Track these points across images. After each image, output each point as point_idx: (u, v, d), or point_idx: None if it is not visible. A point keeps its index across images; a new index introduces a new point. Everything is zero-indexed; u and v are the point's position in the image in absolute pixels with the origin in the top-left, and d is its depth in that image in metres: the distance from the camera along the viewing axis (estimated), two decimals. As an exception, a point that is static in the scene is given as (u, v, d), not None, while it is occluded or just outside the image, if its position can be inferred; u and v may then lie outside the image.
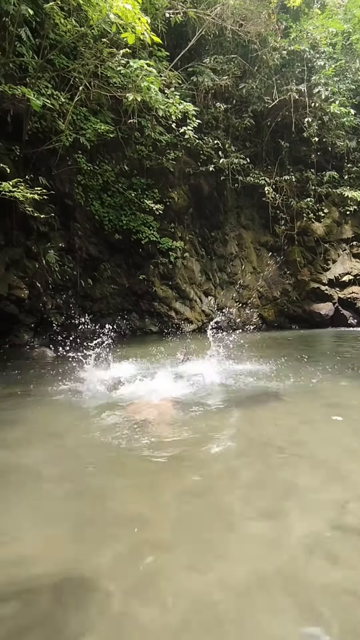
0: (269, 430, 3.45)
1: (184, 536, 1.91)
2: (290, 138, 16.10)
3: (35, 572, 1.65)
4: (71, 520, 2.06)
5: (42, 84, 9.32)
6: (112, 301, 13.46)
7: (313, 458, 2.84)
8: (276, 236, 16.71)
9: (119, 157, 13.13)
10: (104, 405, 4.12)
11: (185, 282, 14.87)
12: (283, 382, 5.17)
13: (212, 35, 14.19)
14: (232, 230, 16.52)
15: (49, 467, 2.69)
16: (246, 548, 1.81)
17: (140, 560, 1.72)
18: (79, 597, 1.50)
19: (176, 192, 14.48)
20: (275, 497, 2.25)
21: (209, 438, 3.14)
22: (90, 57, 9.74)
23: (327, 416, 3.81)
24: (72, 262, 11.78)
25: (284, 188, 16.04)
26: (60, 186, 11.11)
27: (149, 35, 7.95)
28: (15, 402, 4.44)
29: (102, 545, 1.83)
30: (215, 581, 1.59)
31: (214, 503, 2.21)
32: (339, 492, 2.32)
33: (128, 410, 3.88)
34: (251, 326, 16.40)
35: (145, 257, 14.04)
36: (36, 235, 10.49)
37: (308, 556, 1.72)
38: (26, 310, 10.24)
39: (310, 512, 2.08)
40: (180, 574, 1.64)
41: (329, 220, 16.91)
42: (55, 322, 11.31)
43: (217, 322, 14.65)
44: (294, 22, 15.39)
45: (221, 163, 14.63)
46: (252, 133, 16.15)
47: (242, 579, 1.60)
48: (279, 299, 16.95)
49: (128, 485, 2.46)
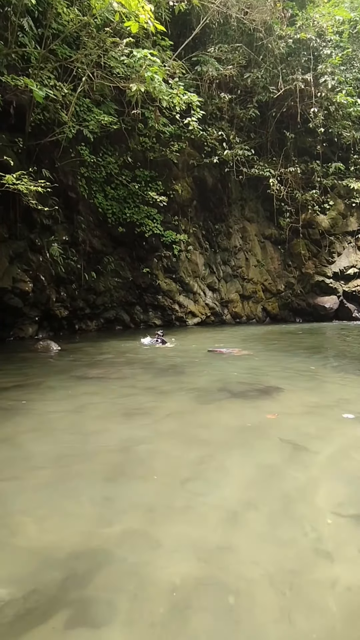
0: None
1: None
2: (296, 129, 15.89)
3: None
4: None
5: (44, 74, 9.23)
6: (116, 294, 13.45)
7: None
8: (281, 229, 16.59)
9: (122, 149, 13.02)
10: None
11: (189, 276, 14.83)
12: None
13: (216, 23, 13.96)
14: (236, 222, 16.42)
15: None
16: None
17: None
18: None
19: (180, 184, 14.37)
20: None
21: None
22: (93, 47, 9.62)
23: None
24: (76, 256, 11.76)
25: (288, 180, 15.88)
26: (64, 178, 11.05)
27: (153, 24, 7.84)
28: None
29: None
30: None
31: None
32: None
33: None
34: (255, 319, 16.38)
35: (149, 250, 14.00)
36: (40, 228, 10.47)
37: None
38: (30, 304, 10.25)
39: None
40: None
41: (334, 213, 16.75)
42: (60, 315, 11.33)
43: (220, 316, 14.59)
44: (300, 10, 15.10)
45: (225, 154, 14.48)
46: (257, 124, 15.96)
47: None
48: (283, 292, 16.88)
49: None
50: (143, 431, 3.20)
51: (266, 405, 3.90)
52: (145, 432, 3.19)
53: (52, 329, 11.37)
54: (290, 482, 2.31)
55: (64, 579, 1.51)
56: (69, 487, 2.25)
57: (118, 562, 1.61)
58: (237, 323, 15.68)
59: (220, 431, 3.23)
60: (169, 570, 1.56)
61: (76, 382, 4.99)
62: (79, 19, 9.21)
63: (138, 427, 3.32)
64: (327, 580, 1.52)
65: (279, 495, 2.15)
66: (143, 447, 2.85)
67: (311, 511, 2.00)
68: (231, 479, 2.35)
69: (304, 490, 2.20)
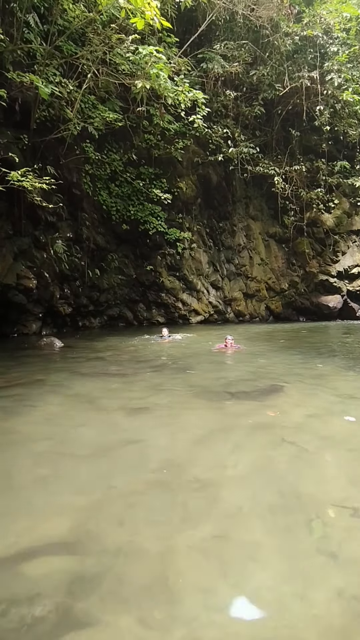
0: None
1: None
2: (301, 127, 15.81)
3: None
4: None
5: (50, 71, 9.21)
6: (120, 292, 13.47)
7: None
8: (285, 227, 16.53)
9: (127, 146, 13.01)
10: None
11: (192, 274, 14.81)
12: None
13: (222, 20, 13.89)
14: (241, 221, 16.38)
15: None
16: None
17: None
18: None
19: (184, 182, 14.34)
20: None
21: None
22: (99, 44, 9.59)
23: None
24: (80, 253, 11.78)
25: (293, 178, 15.81)
26: (68, 175, 11.06)
27: (159, 20, 7.79)
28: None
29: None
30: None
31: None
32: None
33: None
34: (258, 318, 16.35)
35: (153, 248, 14.00)
36: (44, 225, 10.48)
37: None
38: (34, 300, 10.27)
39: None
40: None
41: (339, 212, 16.66)
42: (63, 312, 11.36)
43: (223, 314, 14.56)
44: (307, 7, 15.00)
45: (230, 152, 14.43)
46: (262, 122, 15.89)
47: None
48: (287, 291, 16.83)
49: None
50: (147, 428, 3.21)
51: (269, 403, 3.90)
52: (148, 428, 3.20)
53: (56, 326, 11.41)
54: (285, 477, 2.31)
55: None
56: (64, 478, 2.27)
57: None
58: (240, 321, 15.67)
59: (222, 429, 3.24)
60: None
61: (78, 379, 5.01)
62: (84, 15, 9.18)
63: (141, 425, 3.33)
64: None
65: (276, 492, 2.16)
66: (146, 442, 2.87)
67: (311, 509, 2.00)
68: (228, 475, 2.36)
69: (299, 487, 2.21)
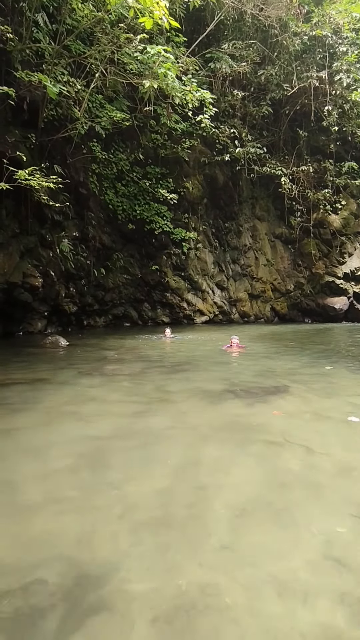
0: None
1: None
2: (309, 127, 15.73)
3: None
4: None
5: (58, 70, 9.24)
6: (125, 291, 13.49)
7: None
8: (291, 228, 16.46)
9: (133, 146, 13.02)
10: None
11: (197, 274, 14.80)
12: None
13: (231, 19, 13.86)
14: (247, 221, 16.33)
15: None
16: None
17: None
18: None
19: (191, 181, 14.33)
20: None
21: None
22: (107, 43, 9.60)
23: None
24: (86, 252, 11.81)
25: (300, 179, 15.73)
26: (75, 175, 11.09)
27: (167, 20, 7.78)
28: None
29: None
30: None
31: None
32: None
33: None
34: (263, 319, 16.30)
35: (158, 248, 14.00)
36: (51, 224, 10.52)
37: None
38: (40, 299, 10.32)
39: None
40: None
41: (346, 213, 16.55)
42: (68, 310, 11.40)
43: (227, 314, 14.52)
44: (316, 7, 14.90)
45: (237, 152, 14.39)
46: (270, 122, 15.83)
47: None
48: (293, 292, 16.76)
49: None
50: (153, 427, 3.21)
51: (273, 403, 3.88)
52: (154, 427, 3.20)
53: (61, 324, 11.45)
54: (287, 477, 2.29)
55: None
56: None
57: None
58: (245, 322, 15.62)
59: (223, 428, 3.23)
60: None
61: (83, 378, 5.02)
62: (93, 14, 9.20)
63: (147, 425, 3.33)
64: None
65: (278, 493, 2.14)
66: (155, 439, 2.87)
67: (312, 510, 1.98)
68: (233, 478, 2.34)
69: (305, 489, 2.19)
